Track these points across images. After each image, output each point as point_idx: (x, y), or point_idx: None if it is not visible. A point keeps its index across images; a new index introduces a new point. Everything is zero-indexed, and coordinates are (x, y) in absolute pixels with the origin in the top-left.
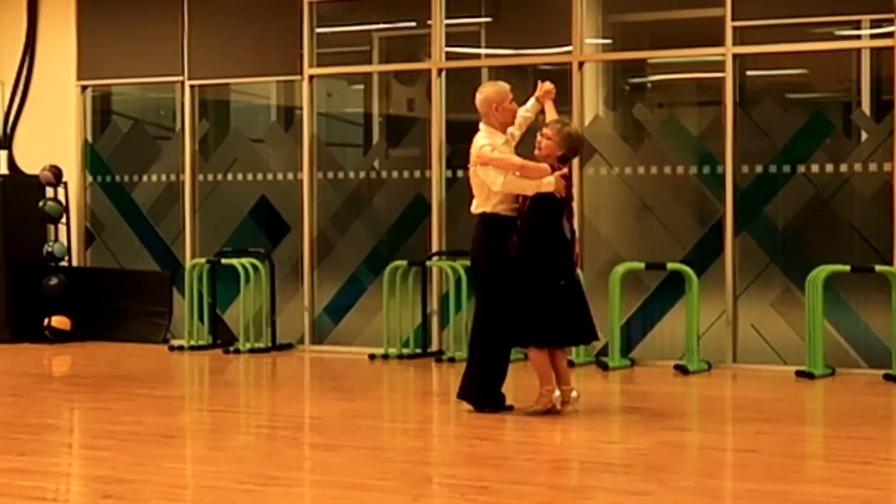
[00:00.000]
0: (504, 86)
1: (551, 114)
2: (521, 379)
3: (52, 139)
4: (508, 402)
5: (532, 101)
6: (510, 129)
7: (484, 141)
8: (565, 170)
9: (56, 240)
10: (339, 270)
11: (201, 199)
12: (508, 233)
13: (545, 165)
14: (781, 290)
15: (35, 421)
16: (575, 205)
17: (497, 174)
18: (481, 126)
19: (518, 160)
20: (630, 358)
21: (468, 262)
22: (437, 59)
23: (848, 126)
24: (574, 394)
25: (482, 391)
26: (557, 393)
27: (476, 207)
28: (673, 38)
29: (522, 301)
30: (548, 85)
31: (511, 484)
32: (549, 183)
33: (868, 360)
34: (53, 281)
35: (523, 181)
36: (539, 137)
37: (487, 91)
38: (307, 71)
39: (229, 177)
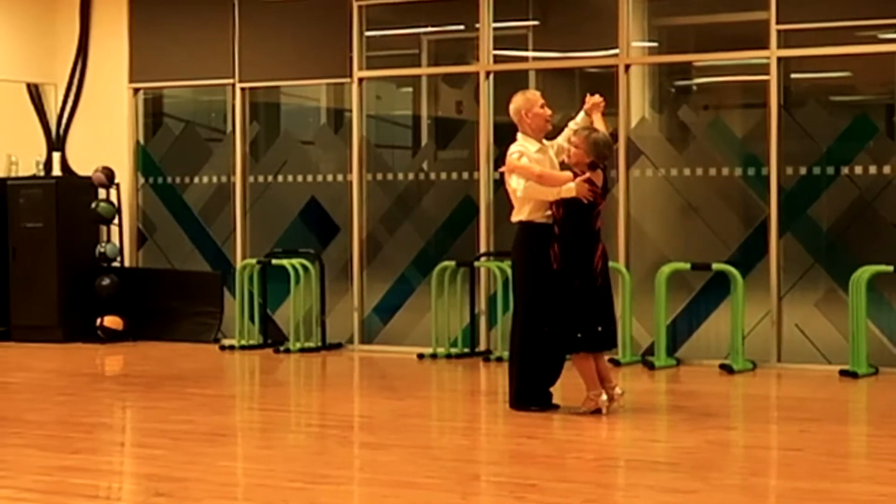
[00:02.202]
0: (533, 93)
1: (599, 125)
2: (567, 378)
3: (105, 141)
4: (555, 401)
5: (581, 114)
6: (558, 142)
7: (514, 148)
8: (588, 175)
9: (108, 241)
10: (388, 271)
11: (252, 201)
12: (543, 239)
13: (566, 173)
14: (825, 291)
15: (88, 420)
16: (621, 206)
17: (519, 180)
18: (518, 135)
19: (537, 168)
20: (676, 357)
21: None
22: (484, 62)
23: (891, 128)
24: (618, 390)
25: (522, 392)
26: (605, 397)
27: (513, 216)
28: (718, 41)
29: (562, 308)
30: (596, 98)
31: (558, 482)
32: (569, 189)
33: None
34: (106, 281)
35: (543, 187)
36: (567, 145)
37: (517, 100)
38: (356, 74)
39: (280, 178)
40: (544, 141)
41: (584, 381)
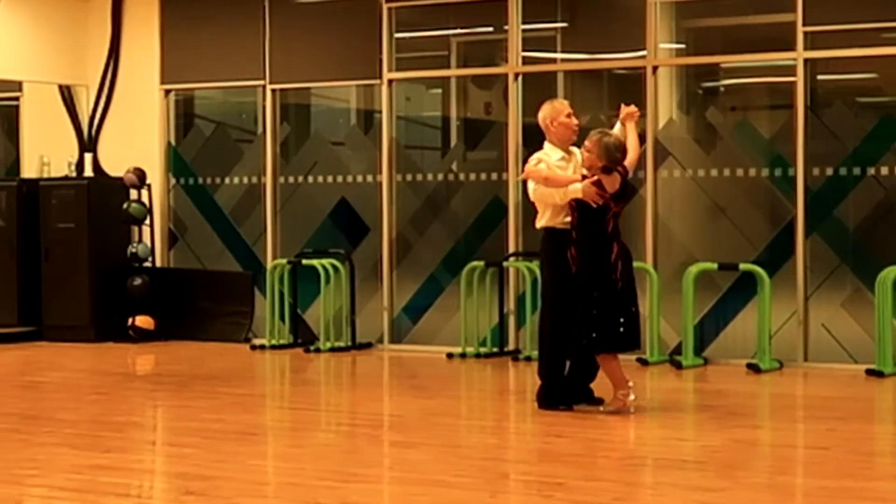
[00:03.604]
0: (561, 103)
1: (631, 136)
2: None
3: (136, 142)
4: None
5: (618, 125)
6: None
7: (536, 156)
8: (597, 177)
9: (140, 241)
10: (418, 271)
11: (283, 201)
12: (563, 244)
13: (573, 175)
14: (851, 291)
15: (119, 419)
16: (649, 206)
17: (530, 184)
18: (545, 143)
19: (545, 171)
20: (703, 357)
21: None
22: (513, 63)
23: None
24: (630, 383)
25: (549, 392)
26: (633, 397)
27: (537, 222)
28: (745, 42)
29: (584, 310)
30: (631, 108)
31: (586, 480)
32: (575, 190)
33: None
34: (137, 281)
35: (550, 189)
36: (582, 150)
37: (544, 109)
38: (386, 75)
39: (310, 179)
40: (572, 148)
41: (611, 381)
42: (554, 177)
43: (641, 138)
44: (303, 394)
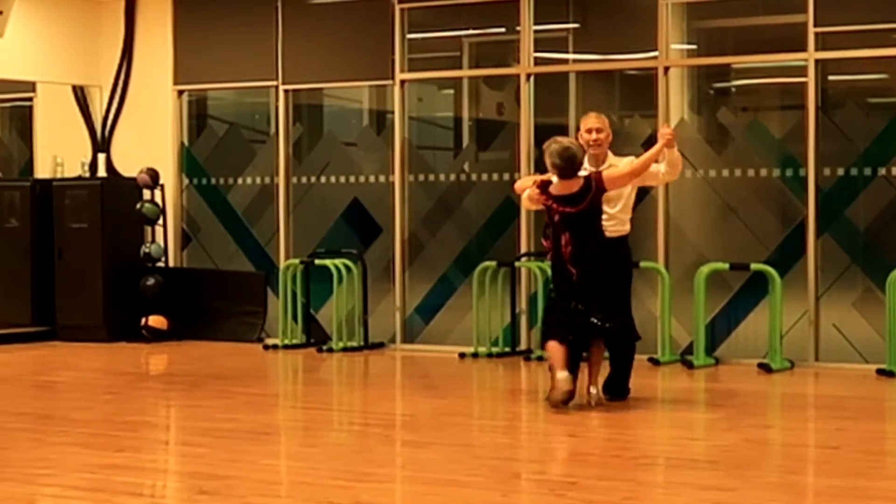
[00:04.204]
0: (586, 116)
1: (673, 156)
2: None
3: (150, 142)
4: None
5: (656, 148)
6: (630, 159)
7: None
8: (539, 181)
9: (153, 241)
10: (430, 271)
11: (295, 201)
12: None
13: (527, 181)
14: (862, 291)
15: (132, 418)
16: (660, 207)
17: None
18: None
19: (519, 182)
20: (714, 356)
21: None
22: (525, 64)
23: None
24: (593, 392)
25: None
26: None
27: None
28: (756, 43)
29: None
30: (667, 130)
31: (598, 480)
32: (527, 195)
33: None
34: (150, 281)
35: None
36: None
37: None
38: (398, 76)
39: (322, 179)
40: (612, 159)
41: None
42: (518, 185)
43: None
44: (315, 393)
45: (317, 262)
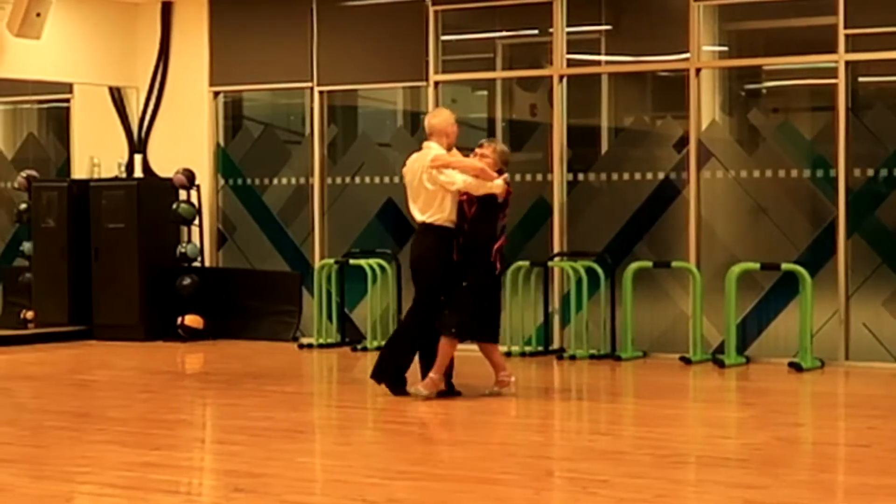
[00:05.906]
0: (449, 111)
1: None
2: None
3: (186, 143)
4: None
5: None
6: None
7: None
8: (506, 175)
9: (189, 241)
10: None
11: (330, 202)
12: (449, 242)
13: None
14: (893, 290)
15: (169, 417)
16: (692, 207)
17: (456, 174)
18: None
19: (479, 164)
20: (745, 356)
21: (588, 263)
22: (558, 65)
23: None
24: (512, 378)
25: (398, 373)
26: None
27: (427, 217)
28: (787, 45)
29: (460, 297)
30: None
31: (630, 478)
32: (498, 185)
33: None
34: (186, 281)
35: (478, 181)
36: (476, 153)
37: (442, 115)
38: (432, 77)
39: (357, 180)
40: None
41: (439, 364)
42: (485, 171)
43: (685, 139)
44: (350, 392)
45: (351, 261)
